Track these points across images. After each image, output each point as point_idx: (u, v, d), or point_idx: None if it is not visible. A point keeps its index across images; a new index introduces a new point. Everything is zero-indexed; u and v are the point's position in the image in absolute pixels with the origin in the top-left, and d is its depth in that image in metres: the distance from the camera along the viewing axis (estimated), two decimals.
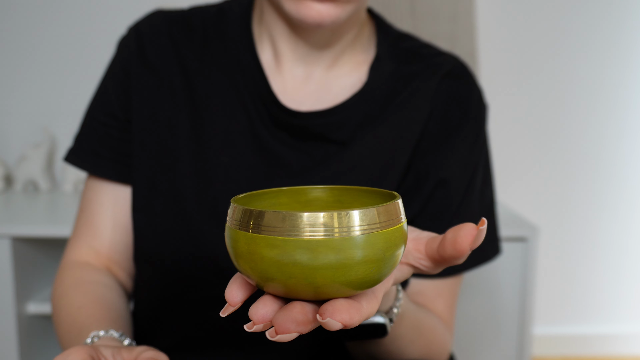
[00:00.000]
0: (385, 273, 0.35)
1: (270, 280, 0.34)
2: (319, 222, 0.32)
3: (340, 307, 0.33)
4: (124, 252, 0.72)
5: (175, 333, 0.69)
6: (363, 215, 0.33)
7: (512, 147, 1.92)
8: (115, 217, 0.71)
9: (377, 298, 0.37)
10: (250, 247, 0.33)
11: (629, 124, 1.94)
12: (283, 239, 0.32)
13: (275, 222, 0.33)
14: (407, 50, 0.72)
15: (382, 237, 0.34)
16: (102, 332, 0.57)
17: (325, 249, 0.32)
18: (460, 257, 0.41)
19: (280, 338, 0.33)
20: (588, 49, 1.89)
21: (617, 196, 1.97)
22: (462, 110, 0.70)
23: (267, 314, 0.34)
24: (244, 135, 0.67)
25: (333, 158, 0.67)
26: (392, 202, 0.35)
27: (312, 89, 0.69)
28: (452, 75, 0.71)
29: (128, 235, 0.72)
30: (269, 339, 0.33)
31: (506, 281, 1.38)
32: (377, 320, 0.52)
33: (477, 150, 0.71)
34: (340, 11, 0.61)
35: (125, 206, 0.71)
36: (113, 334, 0.57)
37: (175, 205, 0.67)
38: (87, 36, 1.80)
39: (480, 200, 0.71)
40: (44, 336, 1.47)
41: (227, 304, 0.37)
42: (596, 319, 2.03)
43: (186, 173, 0.67)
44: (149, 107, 0.69)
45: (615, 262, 2.01)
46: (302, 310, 0.34)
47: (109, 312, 0.63)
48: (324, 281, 0.33)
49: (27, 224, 1.35)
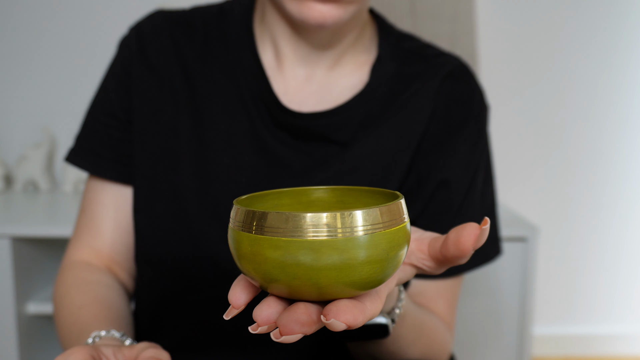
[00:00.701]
0: (389, 273, 0.35)
1: (274, 282, 0.34)
2: (322, 223, 0.32)
3: (344, 308, 0.33)
4: (125, 252, 0.72)
5: (176, 333, 0.69)
6: (366, 215, 0.33)
7: (512, 147, 1.92)
8: (117, 217, 0.71)
9: (380, 298, 0.37)
10: (254, 249, 0.33)
11: (629, 124, 1.94)
12: (286, 240, 0.32)
13: (278, 223, 0.32)
14: (408, 50, 0.72)
15: (385, 237, 0.34)
16: (103, 332, 0.56)
17: (329, 249, 0.32)
18: (463, 257, 0.41)
19: (285, 339, 0.33)
20: (588, 49, 1.89)
21: (617, 196, 1.97)
22: (464, 110, 0.70)
23: (272, 315, 0.34)
24: (245, 136, 0.67)
25: (334, 159, 0.67)
26: (394, 202, 0.35)
27: (313, 89, 0.69)
28: (454, 75, 0.71)
29: (129, 235, 0.72)
30: (274, 340, 0.33)
31: (506, 281, 1.38)
32: (379, 321, 0.52)
33: (479, 150, 0.71)
34: (342, 12, 0.61)
35: (126, 206, 0.71)
36: (114, 334, 0.57)
37: (176, 206, 0.67)
38: (88, 36, 1.80)
39: (481, 200, 0.71)
40: (44, 336, 1.47)
41: (231, 307, 0.36)
42: (596, 319, 2.03)
43: (187, 174, 0.67)
44: (149, 108, 0.69)
45: (615, 262, 2.01)
46: (307, 311, 0.34)
47: (110, 312, 0.63)
48: (328, 282, 0.33)
49: (27, 224, 1.35)
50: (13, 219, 1.39)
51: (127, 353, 0.48)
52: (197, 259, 0.65)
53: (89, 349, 0.46)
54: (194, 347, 0.68)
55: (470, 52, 1.75)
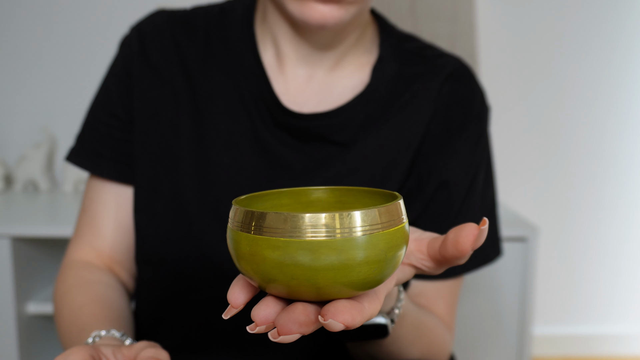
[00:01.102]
0: (387, 273, 0.35)
1: (273, 282, 0.34)
2: (321, 223, 0.32)
3: (342, 308, 0.33)
4: (126, 252, 0.72)
5: (176, 333, 0.69)
6: (365, 215, 0.33)
7: (512, 147, 1.92)
8: (117, 217, 0.71)
9: (379, 299, 0.37)
10: (252, 249, 0.33)
11: (629, 123, 1.94)
12: (285, 240, 0.32)
13: (277, 224, 0.33)
14: (409, 51, 0.72)
15: (383, 237, 0.34)
16: (103, 331, 0.57)
17: (327, 249, 0.32)
18: (462, 258, 0.41)
19: (282, 339, 0.33)
20: (588, 49, 1.89)
21: (617, 196, 1.97)
22: (465, 111, 0.70)
23: (270, 315, 0.34)
24: (246, 136, 0.67)
25: (335, 159, 0.67)
26: (393, 203, 0.35)
27: (314, 90, 0.69)
28: (455, 76, 0.71)
29: (130, 235, 0.72)
30: (272, 340, 0.33)
31: (506, 281, 1.38)
32: (378, 321, 0.52)
33: (479, 151, 0.71)
34: (344, 13, 0.60)
35: (127, 206, 0.71)
36: (114, 333, 0.57)
37: (176, 206, 0.67)
38: (88, 36, 1.80)
39: (481, 201, 0.71)
40: (44, 336, 1.47)
41: (230, 306, 0.37)
42: (596, 319, 2.03)
43: (188, 174, 0.67)
44: (150, 108, 0.69)
45: (615, 262, 2.01)
46: (305, 311, 0.34)
47: (111, 312, 0.63)
48: (326, 282, 0.33)
49: (27, 224, 1.35)
50: (13, 219, 1.39)
51: (126, 352, 0.48)
52: (197, 259, 0.65)
53: (88, 349, 0.46)
54: (194, 347, 0.68)
55: (470, 52, 1.75)
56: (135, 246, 0.70)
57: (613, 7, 1.87)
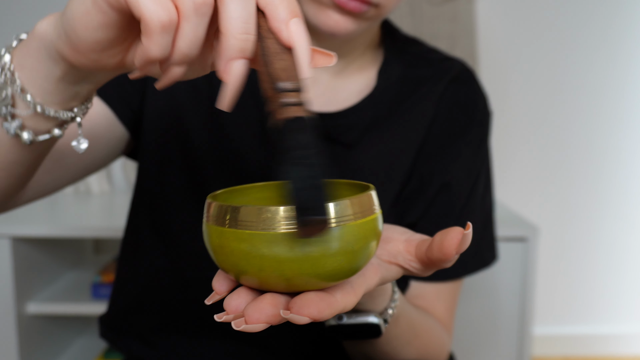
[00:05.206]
0: (358, 265, 0.35)
1: (243, 273, 0.34)
2: (283, 216, 0.32)
3: (308, 302, 0.33)
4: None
5: (164, 310, 0.69)
6: (333, 207, 0.33)
7: (512, 147, 1.92)
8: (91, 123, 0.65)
9: (355, 292, 0.37)
10: (222, 241, 0.34)
11: (629, 123, 1.94)
12: (250, 233, 0.33)
13: (245, 217, 0.33)
14: (414, 54, 0.72)
15: (351, 229, 0.34)
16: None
17: (291, 241, 0.32)
18: (447, 261, 0.41)
19: (246, 328, 0.34)
20: (588, 49, 1.89)
21: (617, 196, 1.97)
22: (467, 115, 0.70)
23: (240, 305, 0.35)
24: (255, 127, 0.67)
25: (339, 159, 0.67)
26: (365, 194, 0.35)
27: (320, 91, 0.69)
28: (460, 80, 0.71)
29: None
30: (235, 329, 0.34)
31: (506, 281, 1.38)
32: (370, 321, 0.52)
33: (481, 156, 0.71)
34: (357, 26, 0.61)
35: (101, 125, 0.65)
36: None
37: (188, 178, 0.67)
38: None
39: (481, 205, 0.72)
40: (44, 336, 1.48)
41: (213, 292, 0.38)
42: (596, 319, 2.03)
43: (202, 149, 0.67)
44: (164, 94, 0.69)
45: (615, 262, 2.01)
46: (272, 302, 0.34)
47: None
48: (292, 273, 0.33)
49: (27, 224, 1.35)
50: (13, 219, 1.39)
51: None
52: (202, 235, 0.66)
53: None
54: (178, 327, 0.69)
55: (470, 52, 1.75)
56: (143, 213, 0.70)
57: (613, 7, 1.87)
